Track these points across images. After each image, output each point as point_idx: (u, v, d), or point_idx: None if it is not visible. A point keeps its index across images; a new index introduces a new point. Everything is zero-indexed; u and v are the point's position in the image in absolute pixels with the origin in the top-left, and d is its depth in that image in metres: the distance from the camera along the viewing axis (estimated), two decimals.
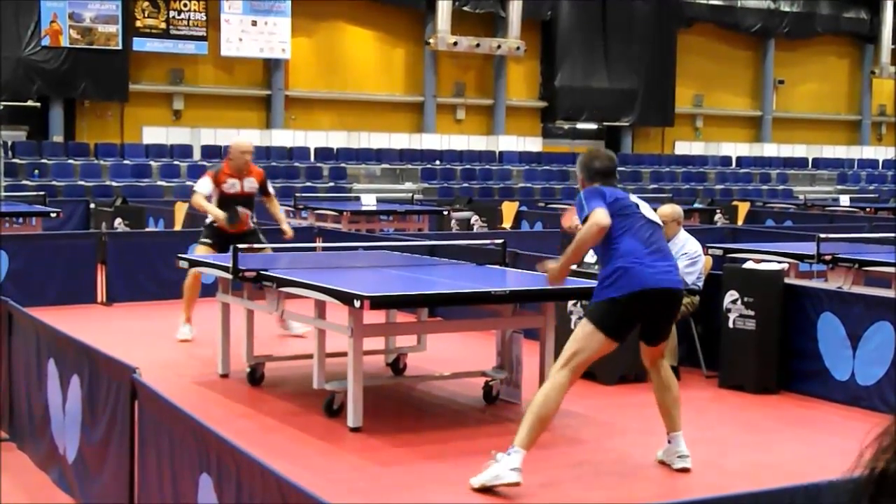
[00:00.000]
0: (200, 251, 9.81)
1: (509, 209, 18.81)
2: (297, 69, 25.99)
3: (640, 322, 6.09)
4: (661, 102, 29.66)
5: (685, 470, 6.17)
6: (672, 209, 9.14)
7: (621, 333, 6.02)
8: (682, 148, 31.05)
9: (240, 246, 8.04)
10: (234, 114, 25.49)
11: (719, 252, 10.59)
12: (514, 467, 5.65)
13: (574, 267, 8.65)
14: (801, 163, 31.98)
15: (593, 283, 7.56)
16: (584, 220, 6.00)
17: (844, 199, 22.73)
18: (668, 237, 8.90)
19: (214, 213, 9.84)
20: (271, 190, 10.45)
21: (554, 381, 5.83)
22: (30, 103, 23.39)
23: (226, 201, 9.82)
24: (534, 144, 28.88)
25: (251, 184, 10.06)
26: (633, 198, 6.32)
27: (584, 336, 5.91)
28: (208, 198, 9.91)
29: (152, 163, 23.80)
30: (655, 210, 9.35)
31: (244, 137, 10.37)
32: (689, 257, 8.80)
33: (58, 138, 23.75)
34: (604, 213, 5.91)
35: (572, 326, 8.54)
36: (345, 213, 16.14)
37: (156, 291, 12.38)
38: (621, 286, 5.89)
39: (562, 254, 6.24)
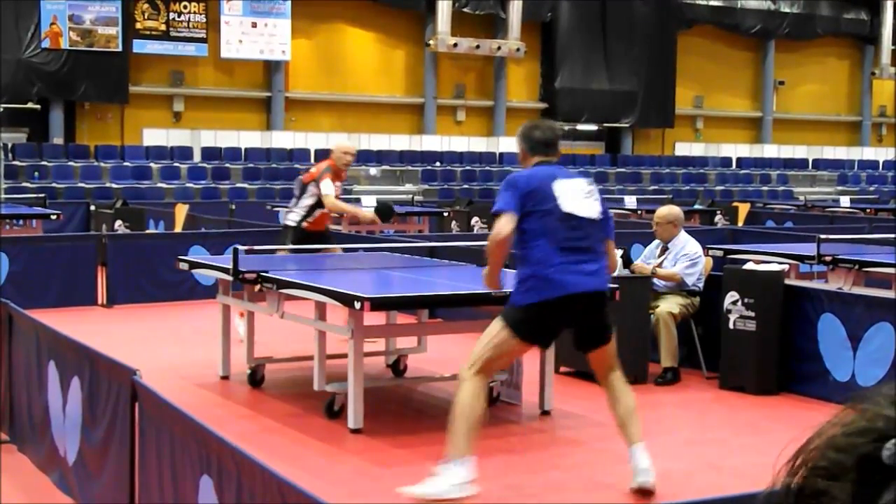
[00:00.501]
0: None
1: None
2: (297, 71, 26.00)
3: (566, 327, 5.84)
4: (662, 104, 29.67)
5: (645, 489, 5.75)
6: (668, 211, 9.14)
7: (540, 339, 5.85)
8: (683, 149, 31.05)
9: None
10: (234, 115, 25.50)
11: (720, 253, 10.59)
12: (463, 480, 5.45)
13: None
14: (801, 164, 31.98)
15: None
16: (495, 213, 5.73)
17: (845, 200, 22.72)
18: (667, 239, 8.93)
19: (359, 213, 10.08)
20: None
21: (472, 388, 5.60)
22: (30, 105, 23.40)
23: (319, 204, 9.81)
24: None
25: (341, 187, 10.13)
26: (561, 184, 5.80)
27: (500, 340, 5.68)
28: (299, 195, 9.90)
29: (152, 165, 23.81)
30: (653, 212, 9.38)
31: (345, 140, 10.46)
32: (690, 258, 8.80)
33: (58, 140, 23.76)
34: (505, 222, 5.58)
35: None
36: (345, 214, 16.12)
37: (156, 293, 12.38)
38: (538, 293, 5.60)
39: None
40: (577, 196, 5.80)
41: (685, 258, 8.80)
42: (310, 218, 9.87)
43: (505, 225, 5.60)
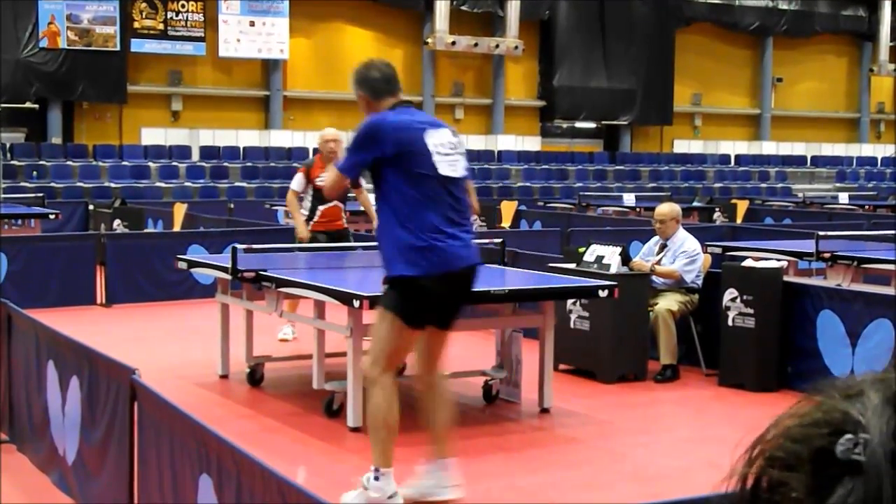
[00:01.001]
0: None
1: (508, 208, 18.81)
2: (296, 70, 25.99)
3: (437, 306, 5.30)
4: (660, 101, 29.66)
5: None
6: (670, 208, 9.15)
7: (421, 320, 5.27)
8: (681, 146, 31.06)
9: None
10: (232, 114, 25.48)
11: (718, 250, 10.58)
12: (391, 493, 5.16)
13: (573, 266, 8.68)
14: (799, 161, 31.98)
15: (593, 282, 7.58)
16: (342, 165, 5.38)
17: (843, 197, 22.72)
18: (666, 235, 8.93)
19: (299, 226, 9.62)
20: (362, 182, 9.89)
21: (382, 390, 5.26)
22: (28, 105, 23.38)
23: (319, 195, 9.57)
24: (532, 144, 28.88)
25: None
26: (432, 137, 5.28)
27: (388, 330, 5.24)
28: (301, 195, 9.68)
29: (151, 164, 23.81)
30: (652, 209, 9.37)
31: (329, 130, 10.16)
32: (688, 255, 8.81)
33: (56, 140, 23.75)
34: (338, 181, 5.44)
35: (571, 326, 8.56)
36: (345, 213, 16.10)
37: (155, 293, 12.37)
38: (428, 264, 5.10)
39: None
40: (449, 153, 5.31)
41: (684, 255, 8.80)
42: (315, 217, 9.77)
43: (337, 184, 5.48)
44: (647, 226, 9.49)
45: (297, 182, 9.73)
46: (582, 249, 8.93)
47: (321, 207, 9.71)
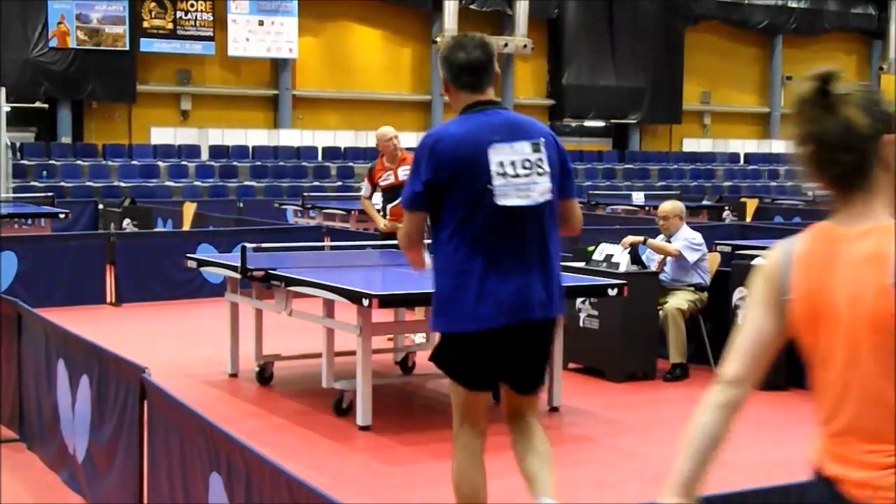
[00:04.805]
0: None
1: None
2: (305, 69, 26.01)
3: (503, 363, 4.37)
4: (669, 100, 29.63)
5: None
6: (673, 205, 9.15)
7: (473, 382, 4.37)
8: (690, 145, 31.02)
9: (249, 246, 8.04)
10: (241, 114, 25.52)
11: (728, 249, 10.57)
12: None
13: (582, 264, 8.67)
14: None
15: (602, 281, 7.58)
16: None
17: None
18: (670, 232, 8.93)
19: (378, 222, 10.03)
20: None
21: (455, 451, 4.50)
22: (38, 105, 23.44)
23: (385, 194, 9.81)
24: None
25: (405, 171, 9.94)
26: (500, 153, 4.15)
27: (450, 388, 4.49)
28: (370, 197, 10.04)
29: (160, 163, 23.85)
30: (656, 208, 9.35)
31: (384, 127, 10.32)
32: (692, 241, 8.80)
33: (66, 139, 23.80)
34: (412, 225, 4.29)
35: (581, 325, 8.56)
36: (353, 211, 16.15)
37: (164, 292, 12.40)
38: (460, 320, 4.20)
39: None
40: (522, 173, 4.20)
41: (687, 241, 8.79)
42: (385, 216, 9.88)
43: (412, 229, 4.31)
44: (656, 224, 9.49)
45: (365, 188, 10.02)
46: (591, 248, 8.93)
47: (390, 206, 9.78)
